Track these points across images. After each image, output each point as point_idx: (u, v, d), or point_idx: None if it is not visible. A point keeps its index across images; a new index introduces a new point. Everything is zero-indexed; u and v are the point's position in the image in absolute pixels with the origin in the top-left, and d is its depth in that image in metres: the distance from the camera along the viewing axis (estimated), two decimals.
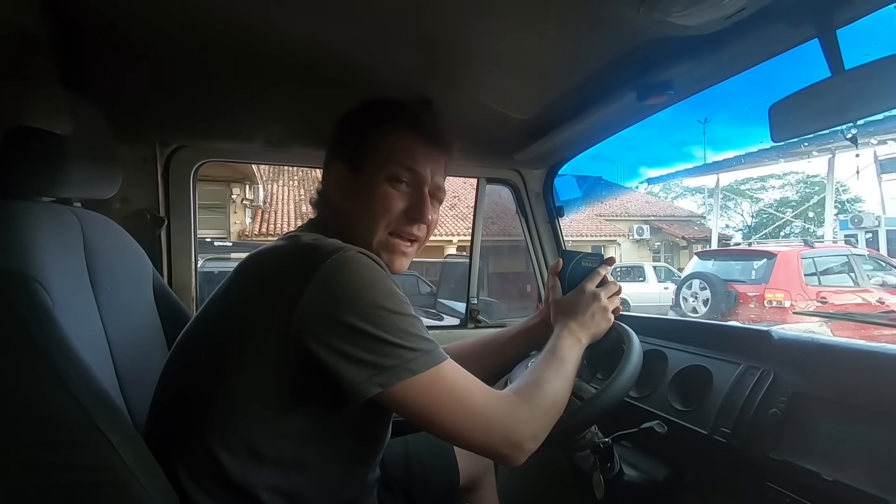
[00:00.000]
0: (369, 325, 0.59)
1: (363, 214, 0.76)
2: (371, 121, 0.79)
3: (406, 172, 0.76)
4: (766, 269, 6.26)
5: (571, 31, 0.81)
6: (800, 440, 0.75)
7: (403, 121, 0.78)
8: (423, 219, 0.78)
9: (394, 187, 0.76)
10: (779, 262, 6.17)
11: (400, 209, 0.76)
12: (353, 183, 0.77)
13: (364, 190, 0.76)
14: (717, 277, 6.73)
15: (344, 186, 0.78)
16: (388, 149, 0.76)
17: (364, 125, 0.79)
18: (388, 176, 0.76)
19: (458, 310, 1.86)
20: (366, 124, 0.79)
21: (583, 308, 0.85)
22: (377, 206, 0.76)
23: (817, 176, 20.52)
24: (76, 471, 0.54)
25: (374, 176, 0.76)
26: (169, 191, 1.34)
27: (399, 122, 0.78)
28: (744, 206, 24.94)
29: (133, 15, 0.76)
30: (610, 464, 0.89)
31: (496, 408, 0.66)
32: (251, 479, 0.63)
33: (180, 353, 0.72)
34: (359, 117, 0.80)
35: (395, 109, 0.79)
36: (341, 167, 0.78)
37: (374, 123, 0.78)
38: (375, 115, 0.79)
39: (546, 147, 1.34)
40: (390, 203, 0.76)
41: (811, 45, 0.79)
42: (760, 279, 6.28)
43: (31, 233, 0.64)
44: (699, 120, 19.64)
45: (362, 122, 0.79)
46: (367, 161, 0.76)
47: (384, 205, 0.76)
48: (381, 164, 0.76)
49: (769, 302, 5.93)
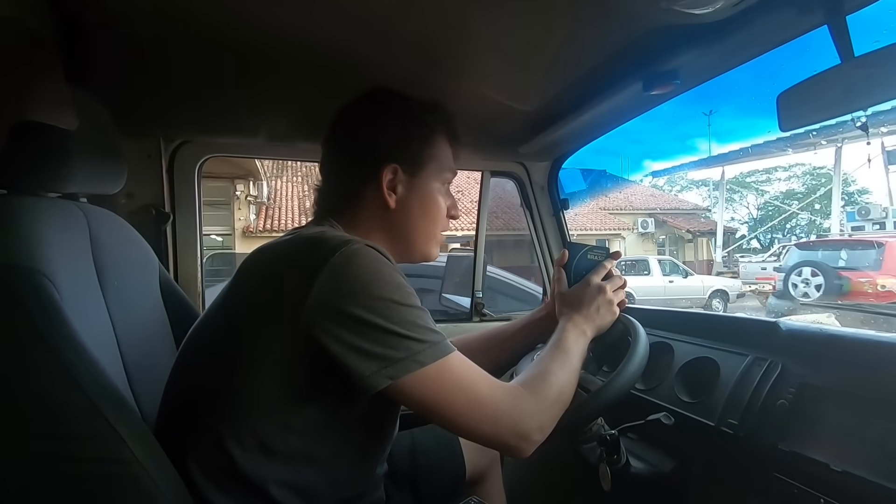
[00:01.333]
0: (378, 318, 0.59)
1: (421, 219, 0.82)
2: (428, 127, 0.82)
3: (452, 178, 0.86)
4: (875, 257, 6.78)
5: (577, 22, 0.80)
6: (808, 431, 0.74)
7: (448, 129, 0.84)
8: (457, 215, 0.87)
9: (440, 193, 0.83)
10: (889, 251, 6.69)
11: (444, 211, 0.84)
12: (410, 186, 0.80)
13: (422, 194, 0.81)
14: (828, 265, 7.18)
15: (401, 190, 0.79)
16: (443, 157, 0.83)
17: (423, 130, 0.81)
18: (442, 181, 0.83)
19: (464, 305, 1.85)
20: (425, 130, 0.81)
21: (588, 301, 0.85)
22: (438, 211, 0.83)
23: (824, 167, 20.36)
24: (86, 463, 0.55)
25: (432, 182, 0.82)
26: (174, 186, 1.35)
27: (444, 130, 0.84)
28: (749, 198, 24.81)
29: (136, 10, 0.75)
30: (616, 456, 0.89)
31: (503, 399, 0.66)
32: (262, 474, 0.63)
33: (190, 349, 0.72)
34: (414, 120, 0.81)
35: (440, 117, 0.84)
36: (396, 170, 0.78)
37: (431, 130, 0.82)
38: (430, 122, 0.82)
39: (551, 139, 1.33)
40: (442, 208, 0.84)
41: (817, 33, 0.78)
42: (871, 266, 6.77)
43: (38, 228, 0.64)
44: (704, 112, 19.49)
45: (420, 126, 0.81)
46: (427, 167, 0.80)
47: (438, 210, 0.83)
48: (438, 170, 0.82)
49: (882, 286, 6.40)
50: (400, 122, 0.79)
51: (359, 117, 0.81)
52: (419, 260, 0.85)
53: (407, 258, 0.84)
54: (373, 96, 0.82)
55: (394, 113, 0.80)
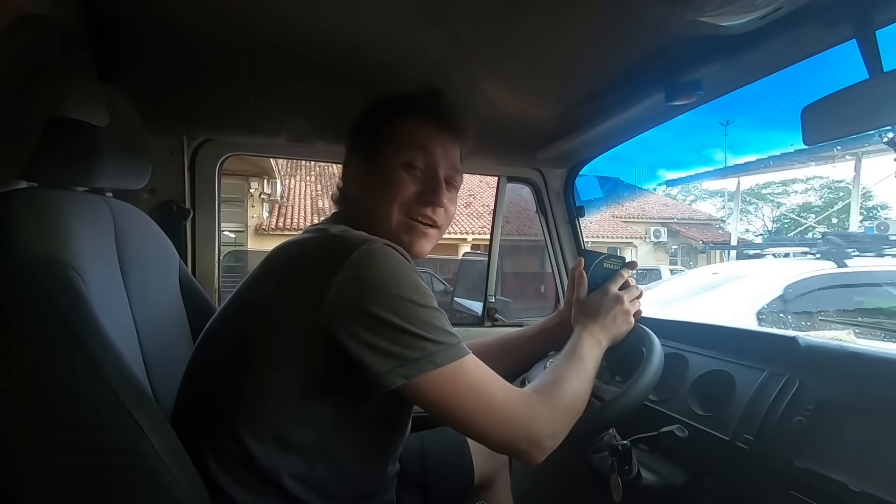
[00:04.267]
0: (395, 317, 0.60)
1: (378, 200, 0.78)
2: (383, 113, 0.82)
3: (419, 157, 0.78)
4: None
5: (601, 32, 0.80)
6: (826, 449, 0.73)
7: (414, 109, 0.80)
8: (438, 201, 0.78)
9: (408, 173, 0.78)
10: None
11: (413, 192, 0.78)
12: (369, 174, 0.80)
13: (379, 178, 0.79)
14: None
15: (361, 179, 0.81)
16: (401, 136, 0.79)
17: (377, 118, 0.82)
18: (402, 162, 0.77)
19: (475, 310, 1.85)
20: (379, 117, 0.82)
21: (605, 310, 0.85)
22: (391, 190, 0.77)
23: (842, 181, 20.01)
24: (107, 453, 0.56)
25: (389, 163, 0.78)
26: (195, 183, 1.37)
27: (410, 110, 0.80)
28: (765, 210, 24.46)
29: (163, 11, 0.77)
30: (628, 466, 0.88)
31: (517, 404, 0.66)
32: (277, 466, 0.64)
33: (208, 343, 0.73)
34: (372, 112, 0.83)
35: (406, 100, 0.82)
36: (358, 161, 0.82)
37: (386, 115, 0.81)
38: (387, 108, 0.82)
39: (569, 146, 1.33)
40: (403, 186, 0.77)
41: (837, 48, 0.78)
42: None
43: (68, 221, 0.65)
44: (721, 122, 19.27)
45: (375, 115, 0.83)
46: (382, 151, 0.79)
47: (397, 187, 0.77)
48: (394, 151, 0.78)
49: None
50: (361, 118, 0.84)
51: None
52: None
53: None
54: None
55: (362, 112, 0.84)
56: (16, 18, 0.62)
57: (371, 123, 0.82)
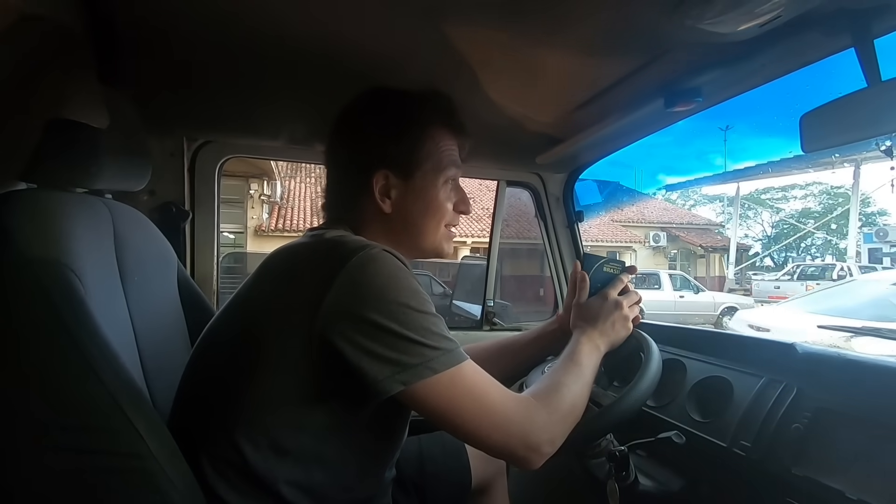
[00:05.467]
0: (393, 323, 0.60)
1: (420, 219, 0.78)
2: (417, 125, 0.77)
3: (456, 172, 0.80)
4: None
5: (601, 38, 0.80)
6: (823, 457, 0.73)
7: (444, 122, 0.79)
8: (470, 209, 0.83)
9: (446, 187, 0.79)
10: None
11: (451, 207, 0.81)
12: (405, 189, 0.76)
13: (420, 196, 0.77)
14: None
15: (395, 195, 0.76)
16: (441, 153, 0.78)
17: (411, 130, 0.76)
18: (445, 180, 0.78)
19: (474, 313, 1.85)
20: (413, 129, 0.76)
21: (604, 315, 0.85)
22: (439, 211, 0.79)
23: (841, 187, 20.11)
24: (104, 456, 0.56)
25: (431, 181, 0.77)
26: (194, 185, 1.37)
27: (440, 122, 0.79)
28: (764, 215, 24.53)
29: (163, 13, 0.77)
30: (625, 472, 0.88)
31: (515, 410, 0.66)
32: (273, 473, 0.64)
33: (206, 346, 0.73)
34: (399, 121, 0.77)
35: (431, 107, 0.79)
36: (389, 175, 0.75)
37: (421, 127, 0.77)
38: (419, 117, 0.77)
39: (568, 151, 1.33)
40: (447, 205, 0.80)
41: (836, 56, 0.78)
42: None
43: (67, 222, 0.65)
44: (720, 127, 19.32)
45: (407, 126, 0.76)
46: (422, 166, 0.76)
47: (442, 206, 0.79)
48: (436, 168, 0.77)
49: None
50: (385, 124, 0.76)
51: (347, 125, 0.80)
52: (433, 257, 0.84)
53: (416, 255, 0.82)
54: (361, 100, 0.80)
55: (378, 115, 0.78)
56: (17, 19, 0.62)
57: (402, 134, 0.76)
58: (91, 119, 0.72)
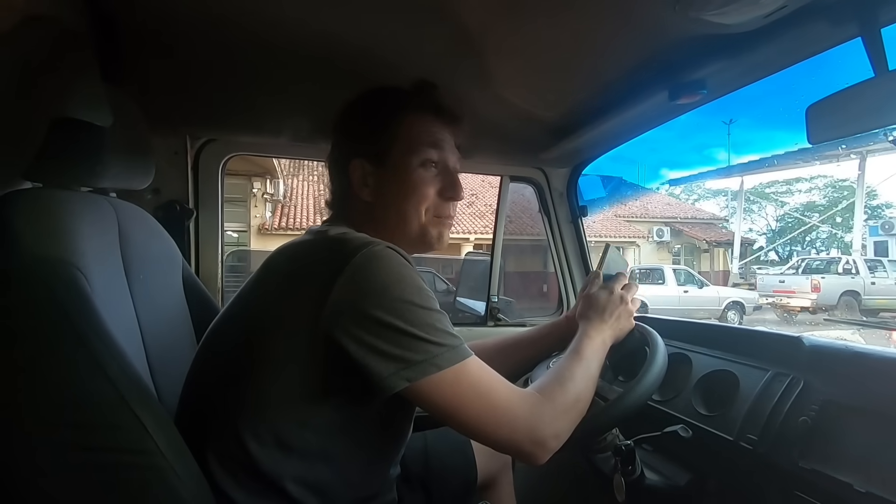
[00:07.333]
0: (397, 320, 0.60)
1: (400, 204, 0.77)
2: (386, 110, 0.78)
3: (435, 154, 0.78)
4: None
5: (604, 31, 0.80)
6: (831, 450, 0.73)
7: (420, 105, 0.79)
8: (459, 196, 0.79)
9: (426, 171, 0.77)
10: None
11: (435, 190, 0.78)
12: (380, 176, 0.77)
13: (395, 181, 0.76)
14: None
15: (372, 182, 0.77)
16: (414, 135, 0.77)
17: (380, 116, 0.78)
18: (420, 162, 0.77)
19: (478, 310, 1.85)
20: (382, 115, 0.78)
21: (610, 308, 0.86)
22: (416, 194, 0.77)
23: (846, 180, 19.96)
24: (112, 453, 0.56)
25: (407, 165, 0.76)
26: (198, 183, 1.37)
27: (416, 106, 0.78)
28: (768, 209, 24.40)
29: (166, 11, 0.77)
30: (631, 467, 0.88)
31: (520, 405, 0.66)
32: (279, 470, 0.64)
33: (211, 343, 0.73)
34: (370, 109, 0.79)
35: (405, 94, 0.79)
36: (363, 164, 0.77)
37: (390, 112, 0.78)
38: (387, 103, 0.79)
39: (572, 146, 1.32)
40: (426, 187, 0.77)
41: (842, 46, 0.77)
42: None
43: (72, 221, 0.66)
44: (724, 121, 19.21)
45: (377, 113, 0.78)
46: (392, 151, 0.76)
47: (422, 189, 0.77)
48: (408, 151, 0.76)
49: None
50: (355, 115, 0.79)
51: (334, 124, 0.82)
52: (425, 248, 0.81)
53: (413, 249, 0.79)
54: (351, 98, 0.81)
55: (353, 109, 0.80)
56: (20, 18, 0.62)
57: (373, 121, 0.78)
58: (95, 118, 0.71)
